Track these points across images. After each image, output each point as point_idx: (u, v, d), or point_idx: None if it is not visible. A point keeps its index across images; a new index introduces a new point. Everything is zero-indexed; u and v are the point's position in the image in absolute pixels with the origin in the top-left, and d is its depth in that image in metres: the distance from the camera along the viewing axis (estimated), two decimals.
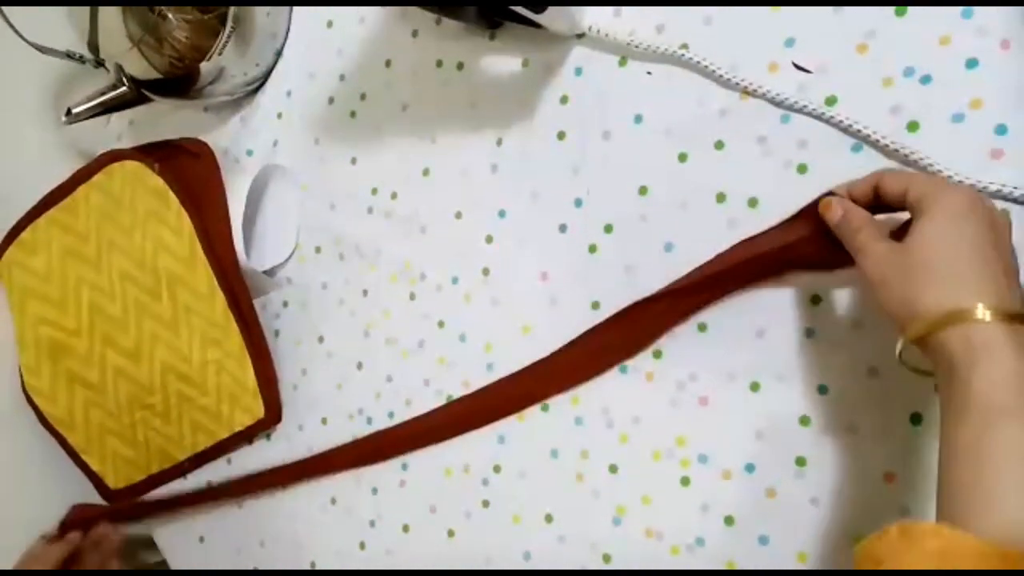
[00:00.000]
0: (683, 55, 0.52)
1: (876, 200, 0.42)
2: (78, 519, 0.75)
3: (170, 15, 0.63)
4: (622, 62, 0.55)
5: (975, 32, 0.44)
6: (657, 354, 0.54)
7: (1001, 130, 0.43)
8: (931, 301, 0.37)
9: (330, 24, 0.69)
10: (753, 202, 0.50)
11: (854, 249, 0.42)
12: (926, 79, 0.45)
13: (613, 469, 0.56)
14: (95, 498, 0.79)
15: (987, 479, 0.33)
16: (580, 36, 0.56)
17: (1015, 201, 0.42)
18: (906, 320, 0.38)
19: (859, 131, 0.46)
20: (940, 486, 0.35)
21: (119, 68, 0.67)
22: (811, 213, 0.45)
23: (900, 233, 0.40)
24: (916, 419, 0.45)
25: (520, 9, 0.48)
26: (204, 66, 0.66)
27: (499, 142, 0.60)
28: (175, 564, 0.81)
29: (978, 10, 0.44)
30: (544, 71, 0.58)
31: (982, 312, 0.35)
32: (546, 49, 0.57)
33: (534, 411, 0.59)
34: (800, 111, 0.48)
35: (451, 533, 0.63)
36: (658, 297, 0.53)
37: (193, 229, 0.68)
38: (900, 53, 0.46)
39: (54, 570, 0.68)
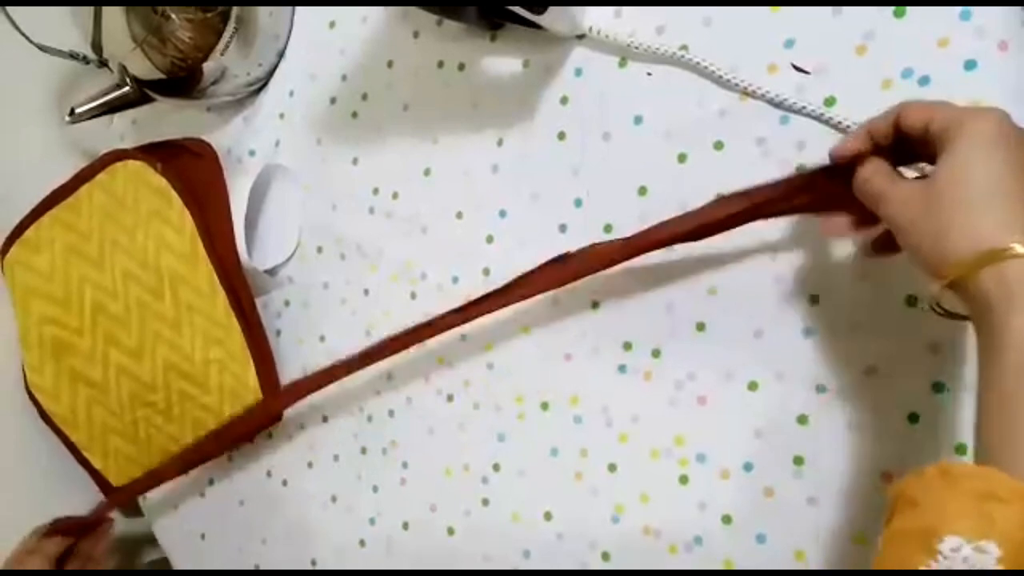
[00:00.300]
0: (683, 56, 0.52)
1: (898, 137, 0.39)
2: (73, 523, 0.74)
3: (173, 15, 0.63)
4: (622, 63, 0.55)
5: (974, 34, 0.44)
6: (656, 353, 0.54)
7: None
8: (962, 242, 0.34)
9: (332, 25, 0.69)
10: None
11: (873, 197, 0.39)
12: (925, 80, 0.45)
13: (612, 468, 0.56)
14: (97, 495, 0.79)
15: None
16: (580, 37, 0.56)
17: None
18: (938, 265, 0.35)
19: None
20: (978, 433, 0.33)
21: (122, 68, 0.68)
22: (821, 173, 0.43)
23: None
24: (914, 418, 0.46)
25: (520, 10, 0.49)
26: (207, 66, 0.67)
27: (500, 142, 0.60)
28: (176, 561, 0.82)
29: (977, 12, 0.44)
30: (544, 72, 0.58)
31: (1020, 247, 0.32)
32: (546, 50, 0.58)
33: (533, 410, 0.59)
34: (799, 112, 0.48)
35: (451, 531, 0.64)
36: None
37: (195, 228, 0.69)
38: (899, 54, 0.46)
39: (52, 570, 0.68)
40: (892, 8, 0.46)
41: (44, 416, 0.78)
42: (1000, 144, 0.35)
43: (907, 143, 0.39)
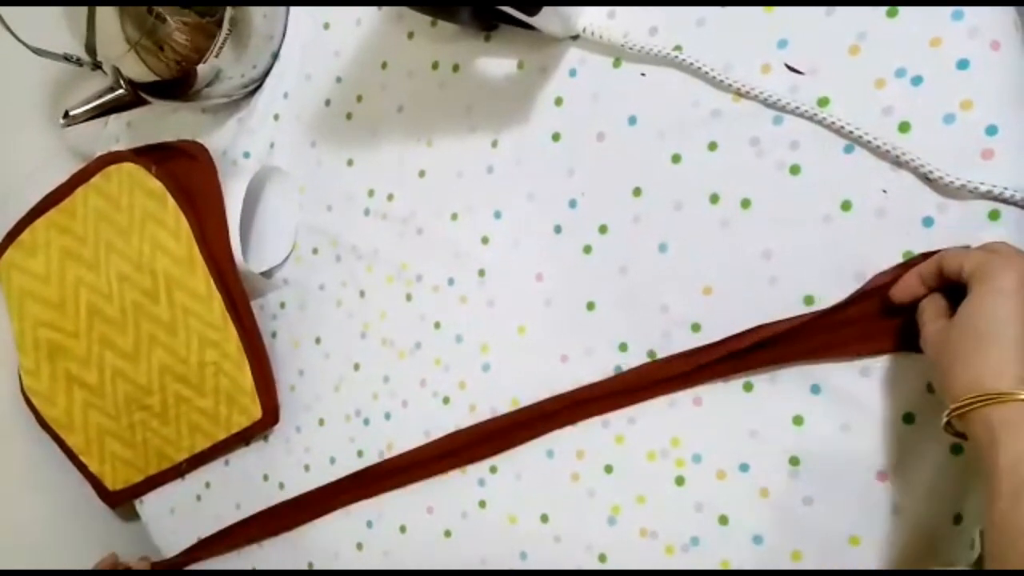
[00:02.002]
0: (676, 57, 0.52)
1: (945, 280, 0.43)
2: None
3: (169, 17, 0.63)
4: (616, 64, 0.55)
5: (966, 33, 0.44)
6: (651, 354, 0.54)
7: (991, 130, 0.43)
8: (959, 383, 0.38)
9: (327, 26, 0.69)
10: (746, 203, 0.50)
11: (919, 330, 0.43)
12: (917, 80, 0.45)
13: (608, 469, 0.56)
14: (94, 499, 0.79)
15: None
16: (574, 38, 0.56)
17: (1005, 201, 0.43)
18: (945, 398, 0.39)
19: (851, 132, 0.46)
20: (987, 537, 0.37)
21: (116, 71, 0.67)
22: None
23: None
24: (908, 418, 0.46)
25: (513, 11, 0.48)
26: (201, 68, 0.67)
27: (494, 144, 0.60)
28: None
29: (969, 12, 0.44)
30: (539, 73, 0.58)
31: (1009, 392, 0.36)
32: (541, 51, 0.58)
33: None
34: (792, 112, 0.48)
35: (448, 533, 0.63)
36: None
37: (190, 231, 0.69)
38: (892, 54, 0.46)
39: None
40: (884, 8, 0.46)
41: (40, 420, 0.78)
42: (1014, 295, 0.38)
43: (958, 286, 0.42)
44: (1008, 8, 0.44)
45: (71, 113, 0.71)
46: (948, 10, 0.44)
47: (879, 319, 0.46)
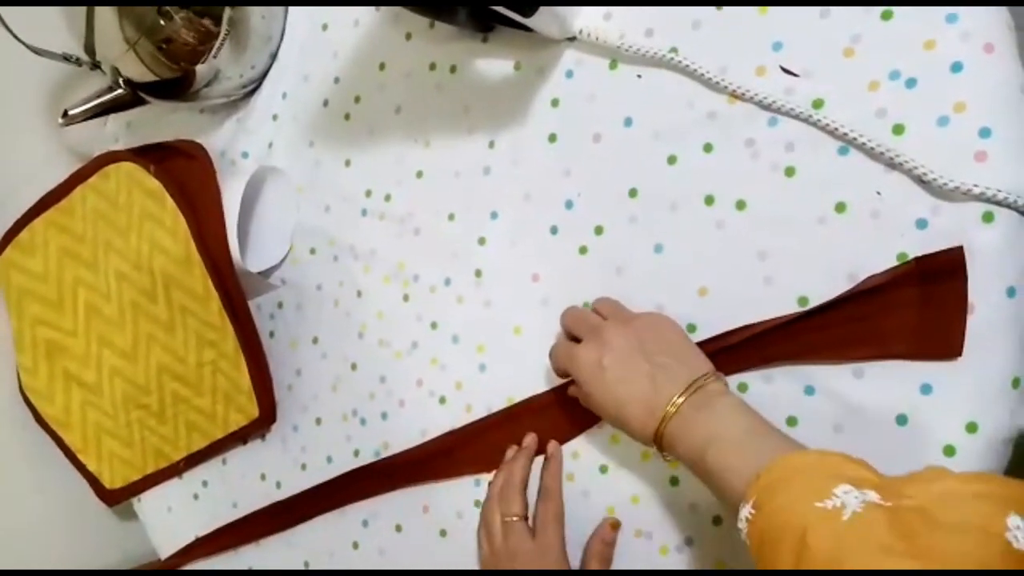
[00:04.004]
0: (672, 58, 0.52)
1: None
2: None
3: (175, 16, 0.63)
4: (612, 65, 0.55)
5: (959, 36, 0.44)
6: None
7: (985, 133, 0.43)
8: (637, 424, 0.47)
9: (325, 27, 0.69)
10: (741, 204, 0.51)
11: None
12: (911, 82, 0.45)
13: (603, 469, 0.56)
14: (91, 497, 0.79)
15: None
16: (571, 39, 0.57)
17: (999, 204, 0.43)
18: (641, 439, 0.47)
19: (845, 134, 0.46)
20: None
21: (115, 70, 0.68)
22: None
23: None
24: (902, 420, 0.46)
25: (509, 12, 0.49)
26: (200, 69, 0.67)
27: (491, 144, 0.61)
28: None
29: (963, 14, 0.44)
30: (536, 74, 0.58)
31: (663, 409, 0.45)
32: (537, 52, 0.58)
33: None
34: (787, 114, 0.49)
35: (443, 533, 0.64)
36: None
37: (189, 231, 0.69)
38: (886, 57, 0.46)
39: None
40: (879, 11, 0.46)
41: (39, 418, 0.78)
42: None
43: None
44: (1001, 9, 0.44)
45: (70, 113, 0.71)
46: (942, 12, 0.44)
47: (870, 323, 0.47)
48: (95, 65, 0.67)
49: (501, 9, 0.48)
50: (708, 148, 0.52)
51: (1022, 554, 0.31)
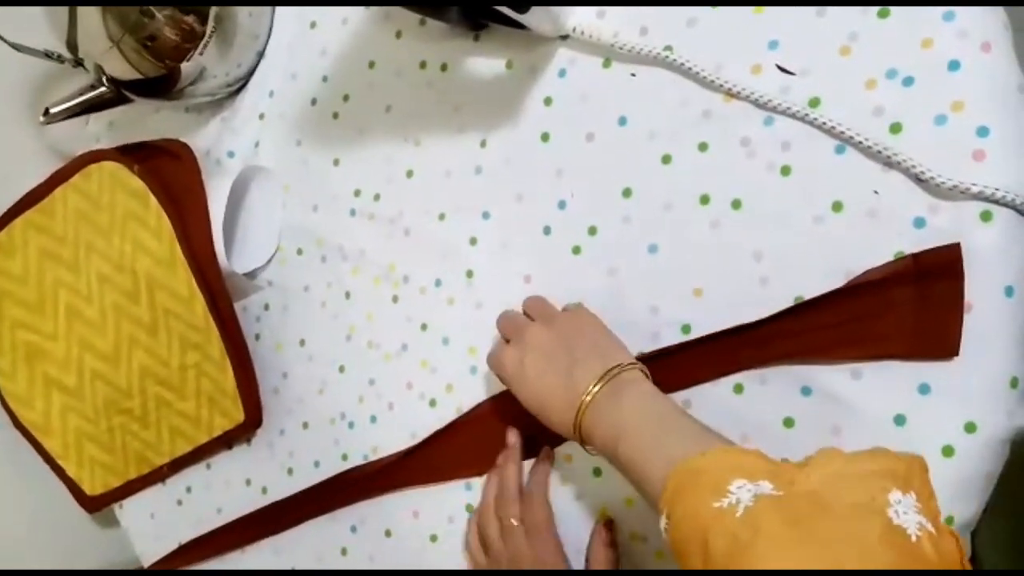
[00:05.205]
0: (667, 57, 0.52)
1: None
2: None
3: (158, 13, 0.62)
4: (606, 64, 0.55)
5: (956, 35, 0.44)
6: (641, 356, 0.54)
7: (983, 132, 0.43)
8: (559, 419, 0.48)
9: (313, 25, 0.68)
10: (737, 204, 0.50)
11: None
12: (908, 81, 0.45)
13: (597, 472, 0.56)
14: (71, 504, 0.78)
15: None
16: (564, 38, 0.56)
17: (997, 202, 0.43)
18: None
19: (842, 133, 0.46)
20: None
21: (98, 68, 0.66)
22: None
23: None
24: (900, 420, 0.45)
25: (504, 9, 0.48)
26: (185, 66, 0.66)
27: (483, 144, 0.60)
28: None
29: (960, 13, 0.44)
30: (528, 72, 0.58)
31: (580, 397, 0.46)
32: (530, 50, 0.57)
33: None
34: (783, 113, 0.48)
35: (434, 538, 0.63)
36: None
37: (173, 231, 0.67)
38: (883, 55, 0.46)
39: None
40: (876, 9, 0.46)
41: (17, 424, 0.76)
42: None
43: None
44: (999, 9, 0.44)
45: (51, 111, 0.70)
46: (939, 11, 0.44)
47: (867, 322, 0.46)
48: (78, 62, 0.66)
49: (497, 5, 0.47)
50: (703, 147, 0.51)
51: (902, 529, 0.32)
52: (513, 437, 0.58)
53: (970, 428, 0.44)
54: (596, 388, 0.46)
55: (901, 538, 0.32)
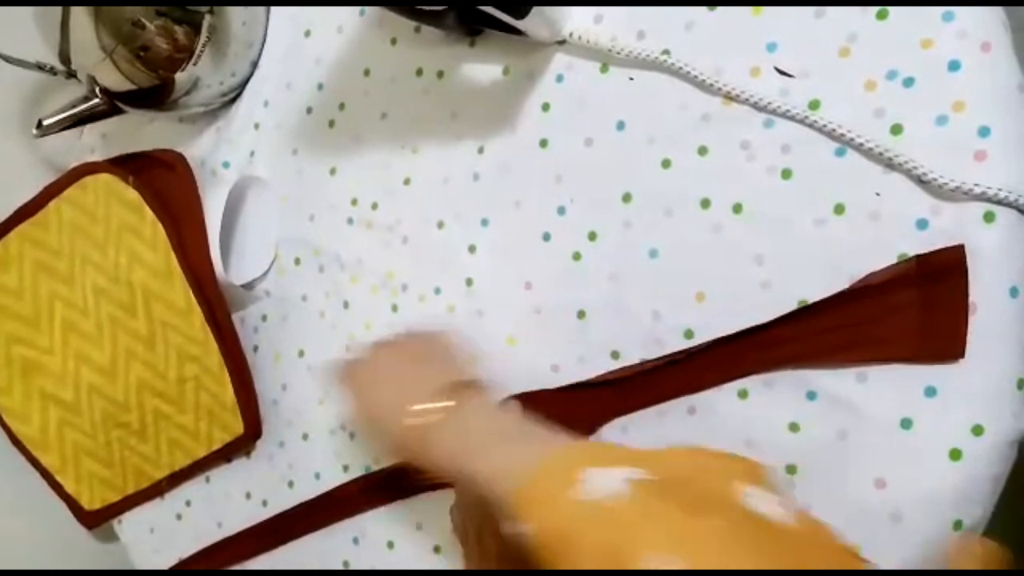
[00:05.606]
0: (665, 60, 0.51)
1: None
2: None
3: (148, 24, 0.62)
4: (604, 68, 0.54)
5: (956, 35, 0.44)
6: (644, 362, 0.53)
7: (984, 132, 0.43)
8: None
9: (308, 33, 0.68)
10: (738, 208, 0.50)
11: None
12: (909, 82, 0.45)
13: None
14: (69, 519, 0.77)
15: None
16: (561, 43, 0.56)
17: (1000, 203, 0.42)
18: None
19: (843, 135, 0.46)
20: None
21: (91, 79, 0.66)
22: None
23: None
24: (907, 423, 0.45)
25: (500, 14, 0.48)
26: (179, 77, 0.65)
27: (480, 150, 0.59)
28: None
29: (959, 13, 0.44)
30: (525, 78, 0.57)
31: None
32: (527, 56, 0.57)
33: None
34: (783, 115, 0.48)
35: (437, 549, 0.62)
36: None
37: (169, 243, 0.67)
38: (882, 56, 0.45)
39: None
40: (874, 10, 0.46)
41: (14, 439, 0.76)
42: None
43: None
44: (998, 9, 0.44)
45: (45, 123, 0.69)
46: (938, 11, 0.44)
47: (871, 325, 0.46)
48: (70, 74, 0.65)
49: (492, 11, 0.47)
50: (703, 151, 0.51)
51: (762, 516, 0.32)
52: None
53: (977, 431, 0.43)
54: (430, 406, 0.46)
55: (764, 521, 0.32)
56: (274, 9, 0.70)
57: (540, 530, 0.35)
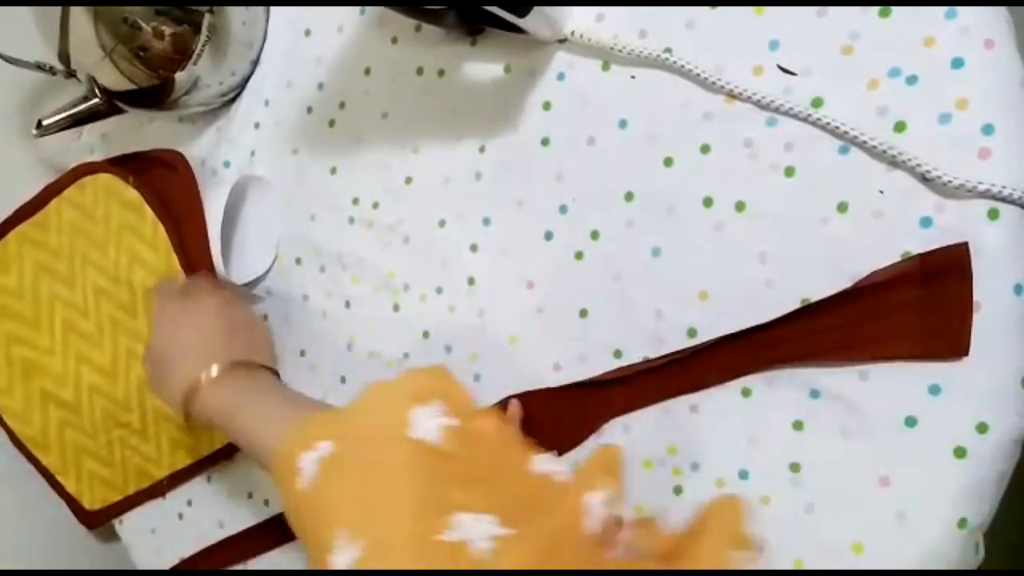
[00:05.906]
0: (667, 59, 0.51)
1: None
2: None
3: (144, 24, 0.61)
4: (605, 67, 0.54)
5: (959, 32, 0.44)
6: (646, 361, 0.53)
7: (988, 130, 0.43)
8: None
9: (308, 32, 0.68)
10: (740, 206, 0.50)
11: None
12: (912, 79, 0.45)
13: None
14: (70, 519, 0.77)
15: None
16: (562, 41, 0.55)
17: (1004, 200, 0.42)
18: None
19: (846, 133, 0.46)
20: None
21: (91, 79, 0.66)
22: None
23: None
24: (911, 422, 0.45)
25: (502, 12, 0.48)
26: (179, 76, 0.65)
27: (482, 149, 0.59)
28: None
29: (961, 11, 0.43)
30: (526, 77, 0.57)
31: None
32: (528, 55, 0.57)
33: None
34: (786, 113, 0.48)
35: None
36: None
37: (169, 242, 0.67)
38: (885, 54, 0.45)
39: None
40: (877, 8, 0.46)
41: (14, 439, 0.76)
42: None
43: None
44: (999, 8, 0.44)
45: (44, 123, 0.69)
46: (941, 9, 0.44)
47: (874, 323, 0.46)
48: (70, 74, 0.65)
49: (494, 9, 0.47)
50: (705, 149, 0.51)
51: (424, 441, 0.39)
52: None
53: (982, 429, 0.43)
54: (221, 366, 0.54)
55: (426, 446, 0.39)
56: (274, 8, 0.70)
57: (283, 504, 0.42)
